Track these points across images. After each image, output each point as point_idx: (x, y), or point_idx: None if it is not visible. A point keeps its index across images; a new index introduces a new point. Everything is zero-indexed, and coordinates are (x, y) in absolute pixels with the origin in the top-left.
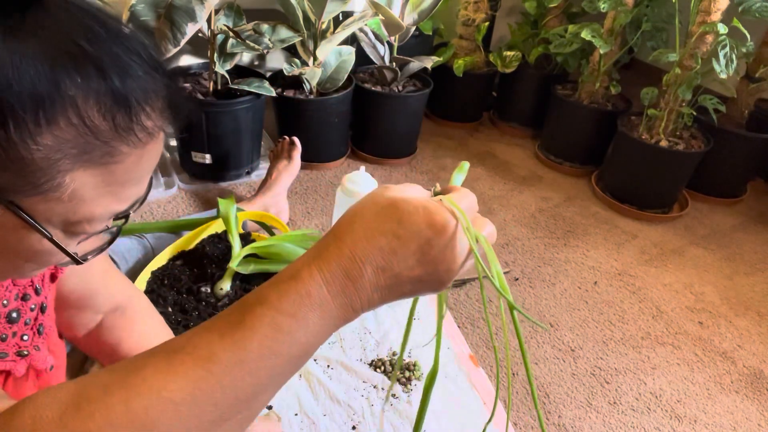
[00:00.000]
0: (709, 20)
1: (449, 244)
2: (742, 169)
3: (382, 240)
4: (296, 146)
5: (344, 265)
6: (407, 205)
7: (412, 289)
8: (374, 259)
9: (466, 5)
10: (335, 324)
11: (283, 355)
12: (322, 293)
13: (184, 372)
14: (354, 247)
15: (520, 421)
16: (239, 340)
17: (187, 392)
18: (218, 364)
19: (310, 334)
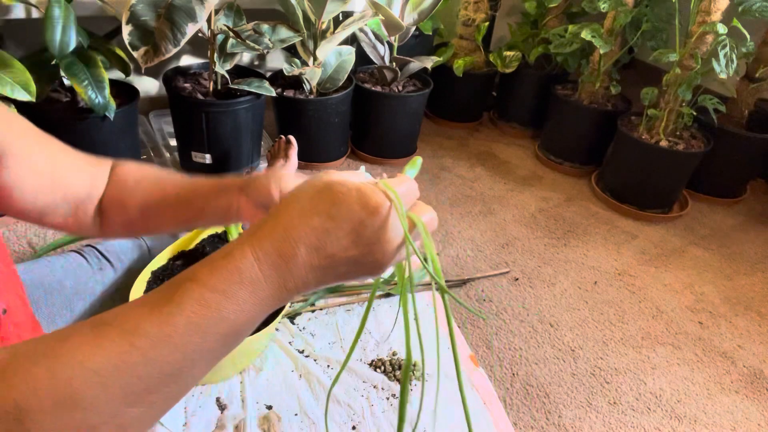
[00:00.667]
0: (709, 20)
1: (383, 225)
2: (742, 169)
3: (315, 220)
4: (292, 145)
5: (277, 245)
6: (342, 187)
7: (347, 270)
8: (308, 239)
9: (466, 5)
10: (268, 303)
11: (211, 333)
12: (254, 271)
13: (109, 344)
14: (288, 227)
15: (520, 421)
16: (166, 315)
17: (111, 364)
18: (144, 337)
19: (240, 312)
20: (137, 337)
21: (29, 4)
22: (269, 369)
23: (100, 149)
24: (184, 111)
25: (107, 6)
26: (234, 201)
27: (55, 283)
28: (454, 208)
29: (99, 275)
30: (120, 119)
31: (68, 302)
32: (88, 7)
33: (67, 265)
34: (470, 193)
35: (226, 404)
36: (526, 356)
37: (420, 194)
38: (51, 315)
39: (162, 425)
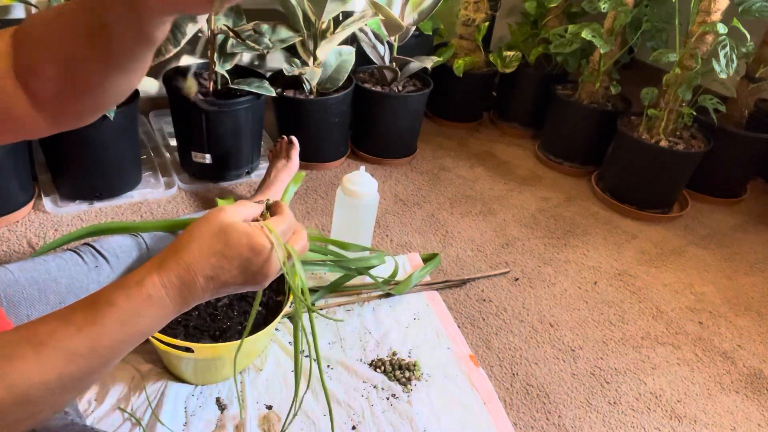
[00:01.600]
0: (709, 20)
1: (265, 261)
2: (742, 169)
3: (212, 258)
4: (294, 145)
5: (181, 275)
6: (234, 231)
7: (235, 289)
8: (205, 271)
9: (466, 5)
10: (172, 315)
11: (129, 342)
12: (162, 296)
13: (51, 363)
14: (190, 262)
15: (520, 421)
16: (94, 336)
17: (55, 377)
18: (78, 355)
19: (151, 325)
20: (73, 354)
21: (29, 4)
22: (269, 369)
23: (100, 149)
24: (184, 111)
25: None
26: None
27: (50, 281)
28: (454, 208)
29: (95, 273)
30: (120, 119)
31: (62, 300)
32: None
33: (63, 264)
34: (470, 193)
35: (226, 404)
36: (526, 356)
37: (420, 194)
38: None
39: (162, 425)
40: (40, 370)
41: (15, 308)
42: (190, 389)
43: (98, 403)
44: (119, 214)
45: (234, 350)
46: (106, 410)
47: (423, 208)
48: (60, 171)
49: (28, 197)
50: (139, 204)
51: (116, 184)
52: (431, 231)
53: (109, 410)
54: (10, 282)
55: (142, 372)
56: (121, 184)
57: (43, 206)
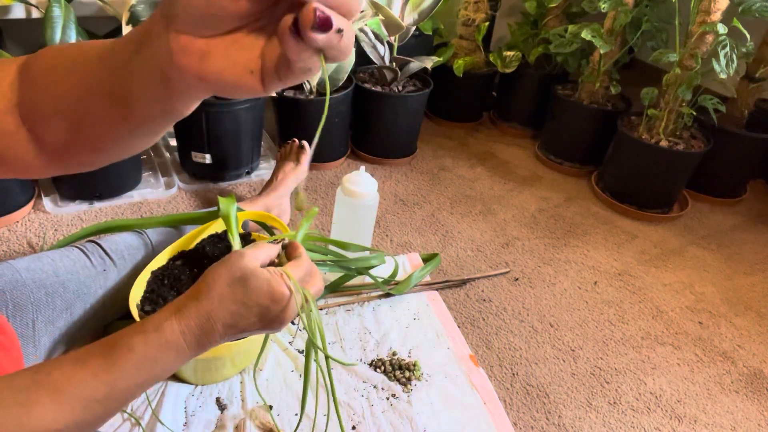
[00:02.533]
0: (709, 20)
1: (284, 309)
2: (742, 169)
3: (232, 306)
4: (305, 151)
5: (200, 323)
6: (254, 279)
7: (251, 334)
8: (225, 319)
9: (466, 5)
10: (189, 359)
11: (144, 386)
12: (180, 343)
13: (69, 410)
14: (210, 310)
15: (520, 421)
16: (111, 381)
17: (72, 422)
18: (95, 401)
19: (167, 370)
20: (89, 401)
21: (29, 4)
22: (269, 369)
23: None
24: None
25: (107, 6)
26: (161, 44)
27: (57, 286)
28: (454, 208)
29: (102, 278)
30: None
31: (69, 305)
32: (88, 7)
33: (71, 265)
34: (470, 193)
35: (226, 404)
36: (526, 356)
37: (420, 194)
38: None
39: (162, 425)
40: (57, 417)
41: (21, 311)
42: (190, 389)
43: None
44: (119, 214)
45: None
46: None
47: (423, 208)
48: None
49: (28, 197)
50: (139, 204)
51: (116, 184)
52: (431, 231)
53: None
54: (17, 284)
55: None
56: (121, 184)
57: (43, 206)
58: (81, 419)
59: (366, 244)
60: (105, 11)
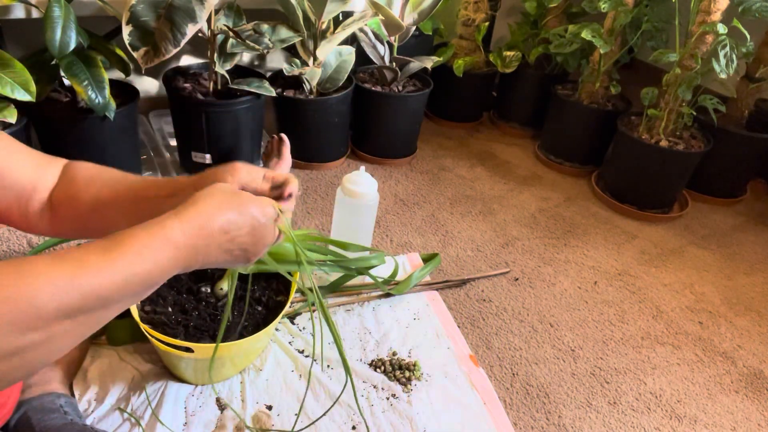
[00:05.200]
0: (709, 20)
1: (269, 227)
2: (742, 169)
3: (229, 213)
4: (285, 143)
5: (200, 223)
6: (248, 196)
7: (238, 254)
8: (221, 224)
9: (466, 5)
10: (179, 265)
11: (137, 277)
12: (178, 240)
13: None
14: (209, 213)
15: (520, 421)
16: (114, 254)
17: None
18: (92, 265)
19: (161, 268)
20: (87, 264)
21: (29, 4)
22: (269, 369)
23: (100, 149)
24: (184, 111)
25: (107, 6)
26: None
27: None
28: (454, 208)
29: None
30: (120, 119)
31: None
32: (88, 7)
33: None
34: (470, 193)
35: (226, 404)
36: (526, 356)
37: (420, 194)
38: None
39: (162, 425)
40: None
41: None
42: (190, 389)
43: (98, 403)
44: None
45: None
46: (106, 410)
47: (423, 208)
48: None
49: None
50: None
51: None
52: (431, 231)
53: (109, 410)
54: None
55: (142, 372)
56: None
57: None
58: (77, 276)
59: (366, 244)
60: (105, 11)
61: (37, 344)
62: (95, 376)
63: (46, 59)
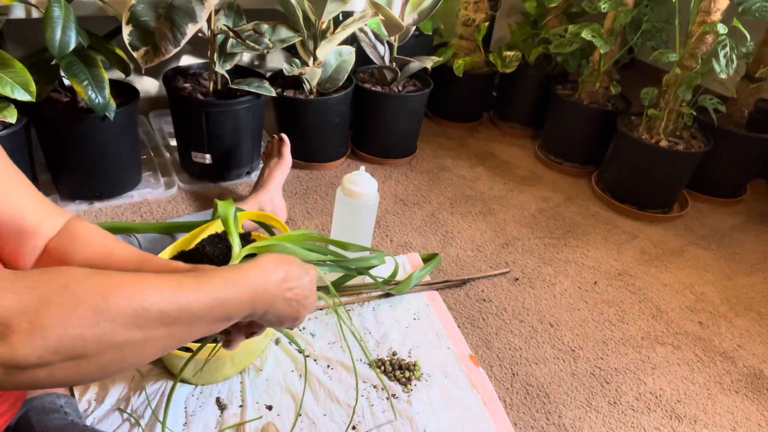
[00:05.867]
0: (709, 20)
1: (314, 284)
2: (742, 169)
3: (287, 265)
4: (285, 142)
5: (266, 272)
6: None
7: (294, 306)
8: (283, 274)
9: (466, 5)
10: (250, 305)
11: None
12: (254, 279)
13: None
14: (269, 266)
15: (520, 421)
16: (205, 282)
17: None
18: (187, 285)
19: (238, 301)
20: (185, 283)
21: (29, 4)
22: (269, 369)
23: (100, 149)
24: (184, 111)
25: (107, 6)
26: None
27: None
28: (454, 208)
29: None
30: (120, 119)
31: None
32: (88, 7)
33: None
34: (470, 193)
35: (226, 404)
36: (526, 356)
37: (420, 194)
38: None
39: (162, 425)
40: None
41: None
42: (190, 389)
43: (98, 403)
44: (119, 214)
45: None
46: (106, 410)
47: (423, 208)
48: (60, 171)
49: None
50: (139, 204)
51: (116, 184)
52: (431, 231)
53: (109, 410)
54: None
55: (142, 372)
56: (121, 184)
57: None
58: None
59: (366, 244)
60: (105, 11)
61: (136, 343)
62: None
63: (46, 59)
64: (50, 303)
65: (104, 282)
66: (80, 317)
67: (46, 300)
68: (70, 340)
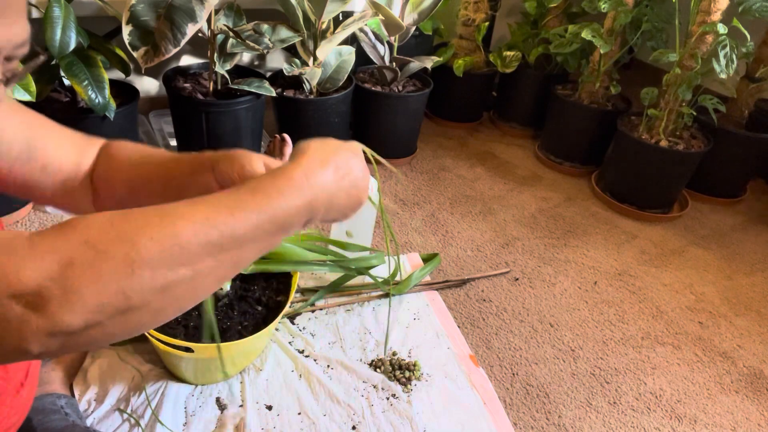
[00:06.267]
0: (709, 20)
1: (364, 161)
2: (742, 169)
3: (336, 154)
4: (287, 143)
5: (315, 165)
6: (338, 141)
7: (353, 193)
8: (336, 163)
9: (466, 5)
10: (305, 207)
11: (268, 213)
12: (300, 179)
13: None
14: (319, 157)
15: (520, 421)
16: (244, 199)
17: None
18: (222, 208)
19: (286, 208)
20: (220, 206)
21: (29, 4)
22: (269, 369)
23: None
24: (184, 111)
25: (107, 6)
26: (209, 180)
27: None
28: (454, 208)
29: None
30: (120, 119)
31: None
32: (88, 7)
33: None
34: (470, 193)
35: (226, 404)
36: (526, 356)
37: (420, 194)
38: None
39: (162, 425)
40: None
41: None
42: (190, 389)
43: (98, 403)
44: None
45: (235, 349)
46: (106, 410)
47: (423, 208)
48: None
49: None
50: None
51: None
52: (431, 231)
53: (109, 410)
54: None
55: (142, 372)
56: None
57: (43, 206)
58: (218, 243)
59: (366, 244)
60: (105, 11)
61: (184, 280)
62: (95, 376)
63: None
64: (74, 263)
65: (128, 227)
66: (111, 271)
67: (69, 261)
68: (109, 297)
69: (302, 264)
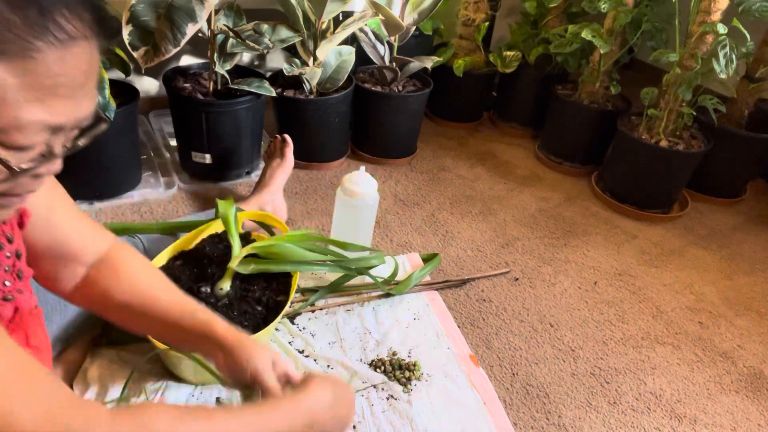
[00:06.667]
0: (709, 20)
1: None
2: (742, 169)
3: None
4: (288, 143)
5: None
6: (349, 388)
7: (337, 425)
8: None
9: (466, 5)
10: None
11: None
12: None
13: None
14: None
15: (520, 421)
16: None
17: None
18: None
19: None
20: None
21: None
22: None
23: (99, 149)
24: (184, 111)
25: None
26: (212, 352)
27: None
28: (454, 208)
29: None
30: (120, 119)
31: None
32: None
33: None
34: (470, 193)
35: (227, 404)
36: (526, 356)
37: (420, 194)
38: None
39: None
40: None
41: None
42: (190, 389)
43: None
44: (119, 214)
45: None
46: None
47: (423, 208)
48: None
49: None
50: (139, 204)
51: (116, 184)
52: (431, 231)
53: None
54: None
55: (142, 372)
56: (121, 184)
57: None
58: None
59: (366, 244)
60: None
61: None
62: (95, 376)
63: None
64: None
65: (188, 430)
66: None
67: None
68: None
69: (302, 264)
